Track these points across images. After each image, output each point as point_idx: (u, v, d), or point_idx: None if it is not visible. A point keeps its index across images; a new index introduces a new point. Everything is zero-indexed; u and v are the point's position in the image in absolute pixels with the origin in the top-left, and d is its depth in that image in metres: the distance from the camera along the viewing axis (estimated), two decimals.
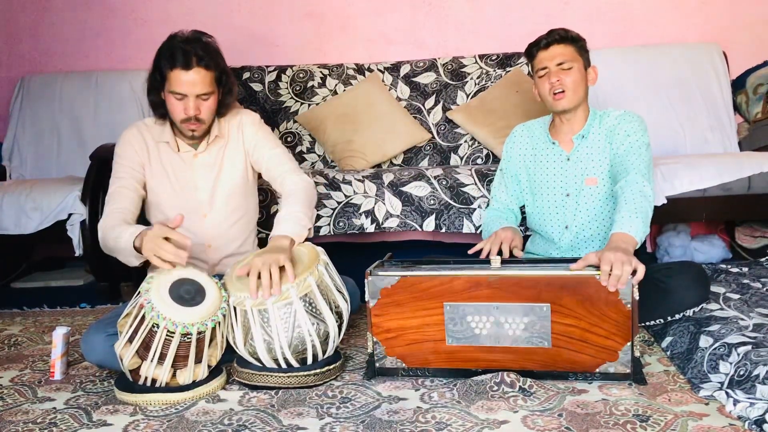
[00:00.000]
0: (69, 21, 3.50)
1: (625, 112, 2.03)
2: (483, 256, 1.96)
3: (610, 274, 1.57)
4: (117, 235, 1.79)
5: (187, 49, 1.86)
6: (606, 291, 1.59)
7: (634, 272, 1.58)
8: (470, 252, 2.02)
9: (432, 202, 2.50)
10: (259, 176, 2.17)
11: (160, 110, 1.96)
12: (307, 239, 1.88)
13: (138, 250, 1.73)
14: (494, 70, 3.22)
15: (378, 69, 3.30)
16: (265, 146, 2.04)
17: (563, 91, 1.97)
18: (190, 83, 1.86)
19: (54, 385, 1.81)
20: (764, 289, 2.15)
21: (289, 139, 3.22)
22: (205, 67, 1.87)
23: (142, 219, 2.08)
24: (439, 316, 1.69)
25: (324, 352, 1.74)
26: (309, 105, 3.25)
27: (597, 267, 1.62)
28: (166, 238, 1.68)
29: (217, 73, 1.92)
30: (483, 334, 1.67)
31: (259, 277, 1.66)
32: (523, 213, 2.30)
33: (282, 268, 1.68)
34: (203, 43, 1.90)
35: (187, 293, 1.67)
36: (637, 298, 1.58)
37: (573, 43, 2.00)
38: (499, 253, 1.94)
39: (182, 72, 1.85)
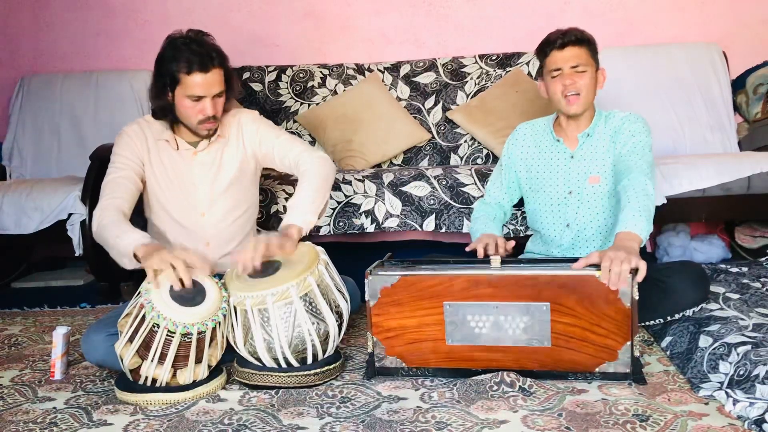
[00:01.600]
0: (69, 21, 3.50)
1: (630, 114, 2.03)
2: (480, 255, 1.96)
3: (610, 271, 1.57)
4: (118, 234, 1.77)
5: (201, 51, 1.87)
6: (606, 290, 1.59)
7: (635, 271, 1.58)
8: (468, 249, 2.03)
9: (432, 202, 2.50)
10: (261, 176, 2.17)
11: (169, 115, 1.96)
12: (308, 237, 1.88)
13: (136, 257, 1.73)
14: (494, 70, 3.22)
15: (378, 69, 3.30)
16: (270, 138, 2.05)
17: (577, 94, 1.96)
18: (209, 84, 1.88)
19: (54, 384, 1.81)
20: (764, 289, 2.15)
21: None
22: (219, 66, 1.90)
23: (140, 215, 2.08)
24: (438, 315, 1.69)
25: (324, 352, 1.74)
26: (309, 105, 3.25)
27: (599, 266, 1.62)
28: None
29: (226, 70, 1.94)
30: (483, 333, 1.67)
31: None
32: (521, 211, 2.29)
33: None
34: (209, 43, 1.92)
35: (187, 293, 1.67)
36: (637, 297, 1.58)
37: (588, 46, 1.98)
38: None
39: (201, 75, 1.86)
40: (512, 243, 1.99)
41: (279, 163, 2.05)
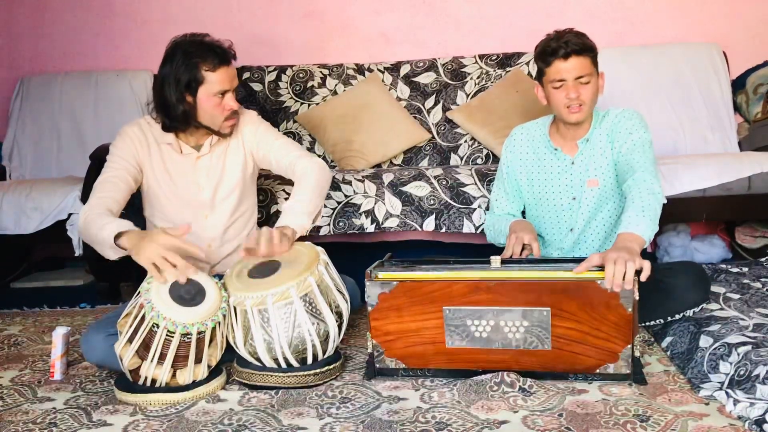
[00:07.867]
0: (69, 21, 3.50)
1: (624, 110, 2.00)
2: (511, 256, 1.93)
3: (614, 274, 1.56)
4: (101, 225, 1.75)
5: (216, 46, 1.90)
6: (607, 295, 1.58)
7: (639, 272, 1.56)
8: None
9: (432, 202, 2.50)
10: (259, 176, 2.17)
11: (191, 123, 1.93)
12: (307, 237, 1.88)
13: (119, 245, 1.72)
14: (494, 70, 3.22)
15: (378, 69, 3.30)
16: (268, 140, 2.05)
17: (580, 105, 1.92)
18: (232, 77, 1.93)
19: (54, 385, 1.81)
20: (764, 289, 2.15)
21: None
22: (234, 58, 1.94)
23: (139, 215, 2.08)
24: (438, 320, 1.68)
25: (324, 352, 1.74)
26: (309, 105, 3.25)
27: (600, 268, 1.61)
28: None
29: None
30: (483, 337, 1.67)
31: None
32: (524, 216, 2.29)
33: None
34: (216, 40, 1.95)
35: (187, 293, 1.67)
36: (638, 299, 1.58)
37: (591, 54, 1.92)
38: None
39: (225, 69, 1.90)
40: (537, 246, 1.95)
41: (276, 165, 2.05)
